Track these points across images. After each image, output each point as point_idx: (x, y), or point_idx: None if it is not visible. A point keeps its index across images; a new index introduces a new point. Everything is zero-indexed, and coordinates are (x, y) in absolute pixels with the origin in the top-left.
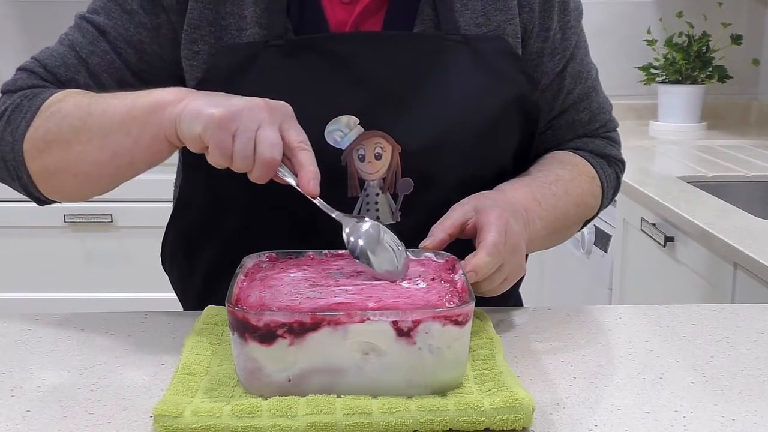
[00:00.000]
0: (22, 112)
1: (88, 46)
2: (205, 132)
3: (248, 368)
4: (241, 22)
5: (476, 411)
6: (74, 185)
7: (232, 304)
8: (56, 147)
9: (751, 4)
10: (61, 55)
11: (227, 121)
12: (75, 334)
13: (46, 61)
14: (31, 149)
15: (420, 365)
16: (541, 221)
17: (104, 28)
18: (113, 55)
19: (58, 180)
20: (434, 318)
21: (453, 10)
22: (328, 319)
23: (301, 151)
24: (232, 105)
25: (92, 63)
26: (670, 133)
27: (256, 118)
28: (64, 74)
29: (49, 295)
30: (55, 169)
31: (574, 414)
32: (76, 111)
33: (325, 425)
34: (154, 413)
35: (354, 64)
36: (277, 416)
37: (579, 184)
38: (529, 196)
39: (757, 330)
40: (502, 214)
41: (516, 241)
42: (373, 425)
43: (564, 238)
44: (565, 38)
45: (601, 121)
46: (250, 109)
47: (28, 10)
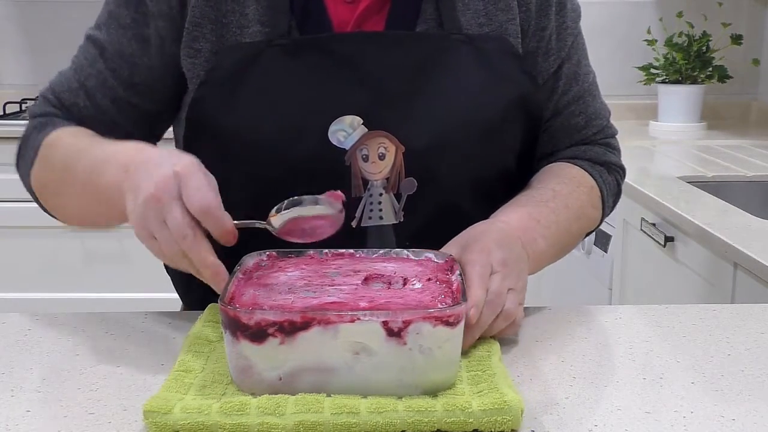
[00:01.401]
0: (30, 148)
1: (87, 68)
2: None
3: (240, 366)
4: (243, 20)
5: (464, 412)
6: (78, 223)
7: (225, 302)
8: (49, 194)
9: (751, 4)
10: (67, 80)
11: (142, 237)
12: (75, 334)
13: (55, 86)
14: (35, 185)
15: (411, 365)
16: (544, 239)
17: (104, 45)
18: (107, 73)
19: (63, 218)
20: (425, 318)
21: (455, 10)
22: (318, 319)
23: (200, 216)
24: (137, 213)
25: (89, 85)
26: (670, 133)
27: (158, 215)
28: (67, 99)
29: (49, 295)
30: (55, 209)
31: (574, 414)
32: (60, 163)
33: (312, 424)
34: (143, 409)
35: (357, 64)
36: (266, 414)
37: (578, 197)
38: (525, 217)
39: (757, 330)
40: (483, 247)
41: (506, 264)
42: (361, 425)
43: (569, 251)
44: (561, 39)
45: (597, 126)
46: (148, 210)
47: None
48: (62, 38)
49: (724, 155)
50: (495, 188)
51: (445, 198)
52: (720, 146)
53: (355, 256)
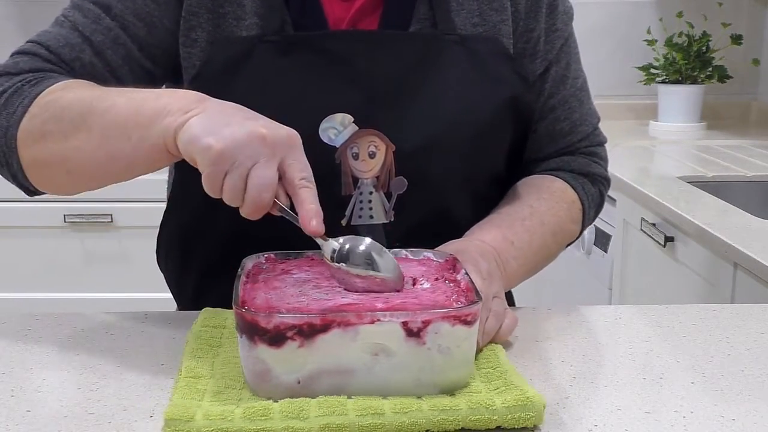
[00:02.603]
0: (21, 97)
1: (91, 25)
2: (200, 164)
3: (257, 371)
4: (240, 11)
5: (488, 410)
6: (66, 180)
7: (239, 306)
8: (51, 139)
9: (751, 4)
10: (64, 36)
11: (222, 158)
12: (75, 334)
13: (48, 42)
14: (25, 138)
15: (429, 365)
16: (515, 260)
17: (108, 4)
18: (118, 30)
19: (50, 173)
20: (444, 318)
21: (449, 10)
22: (338, 321)
23: (302, 189)
24: (231, 136)
25: (96, 40)
26: (670, 133)
27: (254, 154)
28: (68, 54)
29: (49, 295)
30: (48, 162)
31: (574, 414)
32: (77, 104)
33: (338, 426)
34: (165, 417)
35: (349, 63)
36: (290, 418)
37: (556, 213)
38: (499, 237)
39: (757, 330)
40: (469, 258)
41: (490, 273)
42: (386, 425)
43: (544, 266)
44: (549, 41)
45: (582, 133)
46: (248, 143)
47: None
48: None
49: (724, 155)
50: (485, 189)
51: (436, 198)
52: (720, 146)
53: None
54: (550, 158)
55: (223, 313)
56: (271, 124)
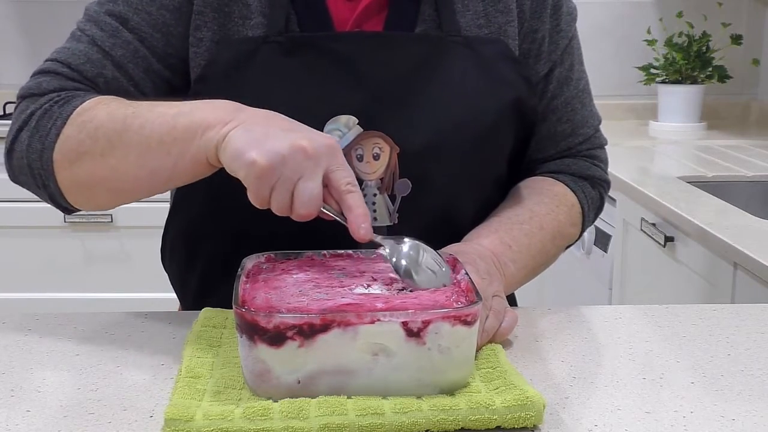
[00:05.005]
0: (52, 119)
1: (109, 39)
2: (245, 179)
3: (256, 370)
4: (245, 11)
5: (488, 409)
6: (107, 198)
7: (239, 306)
8: (89, 159)
9: (751, 4)
10: (83, 52)
11: (267, 174)
12: (75, 334)
13: (69, 60)
14: (62, 160)
15: (429, 365)
16: (514, 263)
17: (125, 16)
18: (137, 43)
19: (90, 192)
20: (444, 318)
21: (454, 12)
22: (338, 321)
23: (348, 195)
24: (274, 150)
25: (116, 55)
26: (670, 133)
27: (298, 168)
28: (90, 71)
29: (49, 295)
30: (87, 182)
31: (574, 414)
32: (110, 122)
33: (338, 426)
34: (165, 417)
35: (354, 64)
36: (290, 418)
37: (555, 217)
38: (497, 241)
39: (757, 330)
40: (468, 259)
41: (489, 273)
42: (386, 425)
43: (543, 270)
44: (553, 42)
45: (583, 135)
46: (292, 157)
47: (27, 10)
48: (62, 38)
49: (724, 155)
50: (488, 190)
51: (440, 200)
52: (720, 146)
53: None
54: (551, 159)
55: (223, 313)
56: (310, 134)
